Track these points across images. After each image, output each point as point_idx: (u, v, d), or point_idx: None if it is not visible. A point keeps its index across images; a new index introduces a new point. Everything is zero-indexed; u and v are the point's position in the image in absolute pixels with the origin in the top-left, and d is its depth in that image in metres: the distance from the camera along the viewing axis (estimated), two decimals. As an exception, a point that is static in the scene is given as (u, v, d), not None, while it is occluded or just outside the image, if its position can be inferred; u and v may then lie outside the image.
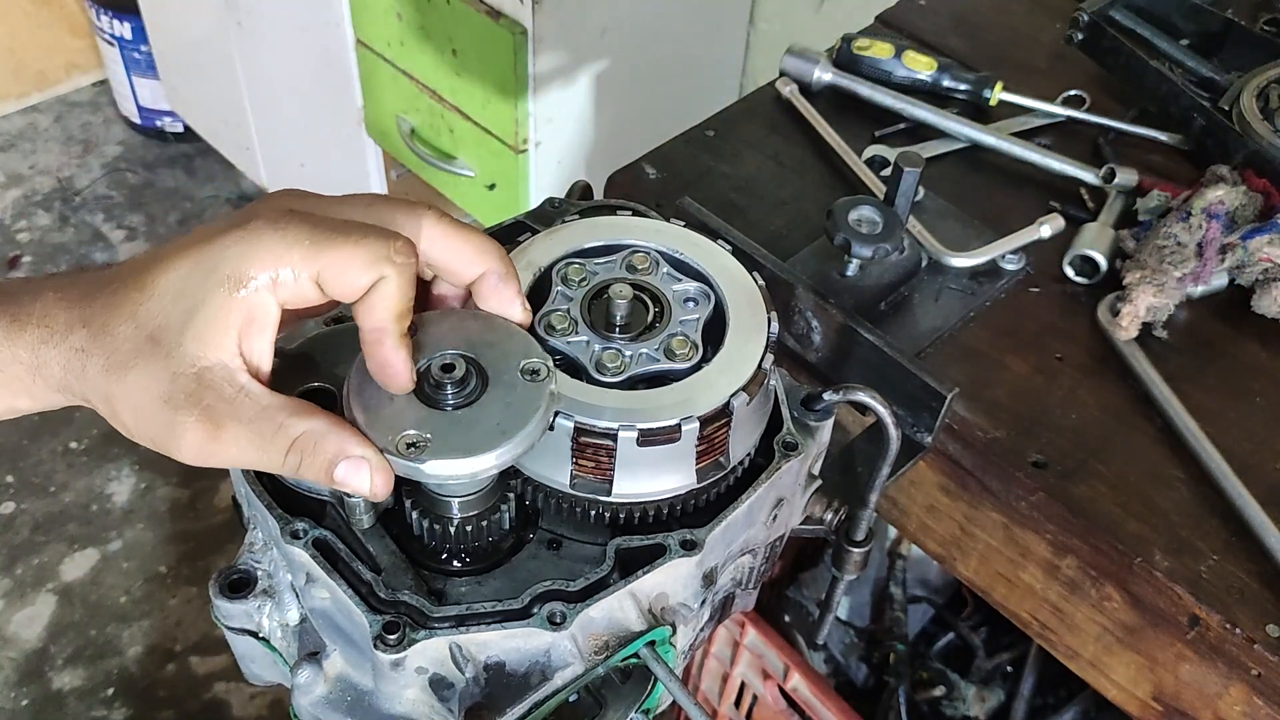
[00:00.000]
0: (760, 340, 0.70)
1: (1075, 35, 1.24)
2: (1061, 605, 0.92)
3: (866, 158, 1.16)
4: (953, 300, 1.03)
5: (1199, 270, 1.00)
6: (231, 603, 0.67)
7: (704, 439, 0.66)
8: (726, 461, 0.69)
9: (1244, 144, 1.09)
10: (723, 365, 0.68)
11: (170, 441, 0.58)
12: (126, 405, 0.58)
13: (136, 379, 0.57)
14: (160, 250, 0.59)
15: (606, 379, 0.68)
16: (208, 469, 0.60)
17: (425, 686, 0.63)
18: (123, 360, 0.57)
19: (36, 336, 0.58)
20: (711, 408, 0.66)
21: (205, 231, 0.59)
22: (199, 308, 0.56)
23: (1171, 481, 0.90)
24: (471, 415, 0.61)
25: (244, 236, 0.57)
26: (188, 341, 0.56)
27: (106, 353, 0.57)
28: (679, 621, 0.67)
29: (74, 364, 0.58)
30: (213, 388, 0.57)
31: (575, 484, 0.67)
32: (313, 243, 0.57)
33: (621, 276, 0.73)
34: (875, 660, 1.60)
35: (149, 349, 0.56)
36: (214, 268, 0.57)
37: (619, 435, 0.64)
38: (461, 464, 0.59)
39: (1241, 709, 0.83)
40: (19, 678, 2.14)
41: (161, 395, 0.56)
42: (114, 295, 0.58)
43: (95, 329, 0.57)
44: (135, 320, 0.57)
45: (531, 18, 1.88)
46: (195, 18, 2.67)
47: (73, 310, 0.58)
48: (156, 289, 0.57)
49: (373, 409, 0.61)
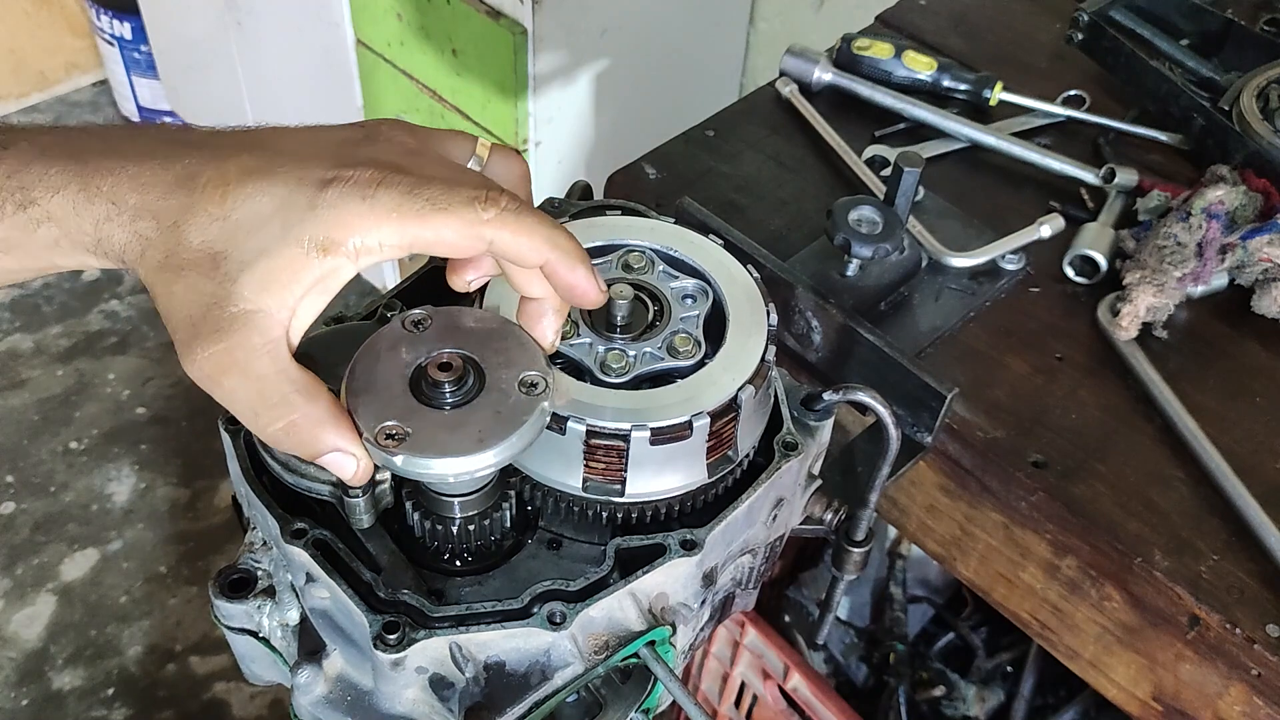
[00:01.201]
0: (761, 334, 0.70)
1: (1075, 35, 1.24)
2: (1061, 605, 0.92)
3: (866, 158, 1.16)
4: (953, 300, 1.03)
5: (1199, 270, 1.00)
6: (231, 603, 0.67)
7: (714, 434, 0.67)
8: (735, 455, 0.69)
9: (1244, 144, 1.09)
10: (726, 361, 0.69)
11: (183, 354, 0.57)
12: (162, 301, 0.58)
13: (182, 288, 0.56)
14: (246, 162, 0.58)
15: (612, 380, 0.68)
16: (207, 469, 0.61)
17: (425, 686, 0.63)
18: (178, 265, 0.57)
19: (104, 213, 0.58)
20: (719, 403, 0.66)
21: (298, 165, 0.57)
22: (269, 255, 0.56)
23: (1171, 481, 0.90)
24: (459, 417, 0.60)
25: (334, 202, 0.56)
26: (245, 281, 0.56)
27: (166, 251, 0.57)
28: (679, 621, 0.67)
29: (134, 247, 0.58)
30: (244, 331, 0.56)
31: (588, 487, 0.67)
32: (401, 218, 0.56)
33: (619, 276, 0.73)
34: (875, 660, 1.60)
35: (206, 265, 0.56)
36: (297, 222, 0.56)
37: (631, 435, 0.64)
38: (435, 464, 0.59)
39: (1241, 709, 0.83)
40: (19, 678, 2.14)
41: (195, 315, 0.56)
42: (190, 198, 0.57)
43: (164, 225, 0.57)
44: (205, 233, 0.57)
45: (531, 18, 1.88)
46: (195, 18, 2.67)
47: (146, 197, 0.58)
48: (234, 213, 0.57)
49: (367, 394, 0.61)
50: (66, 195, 0.58)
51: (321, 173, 0.57)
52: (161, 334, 2.69)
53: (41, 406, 2.55)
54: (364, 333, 0.66)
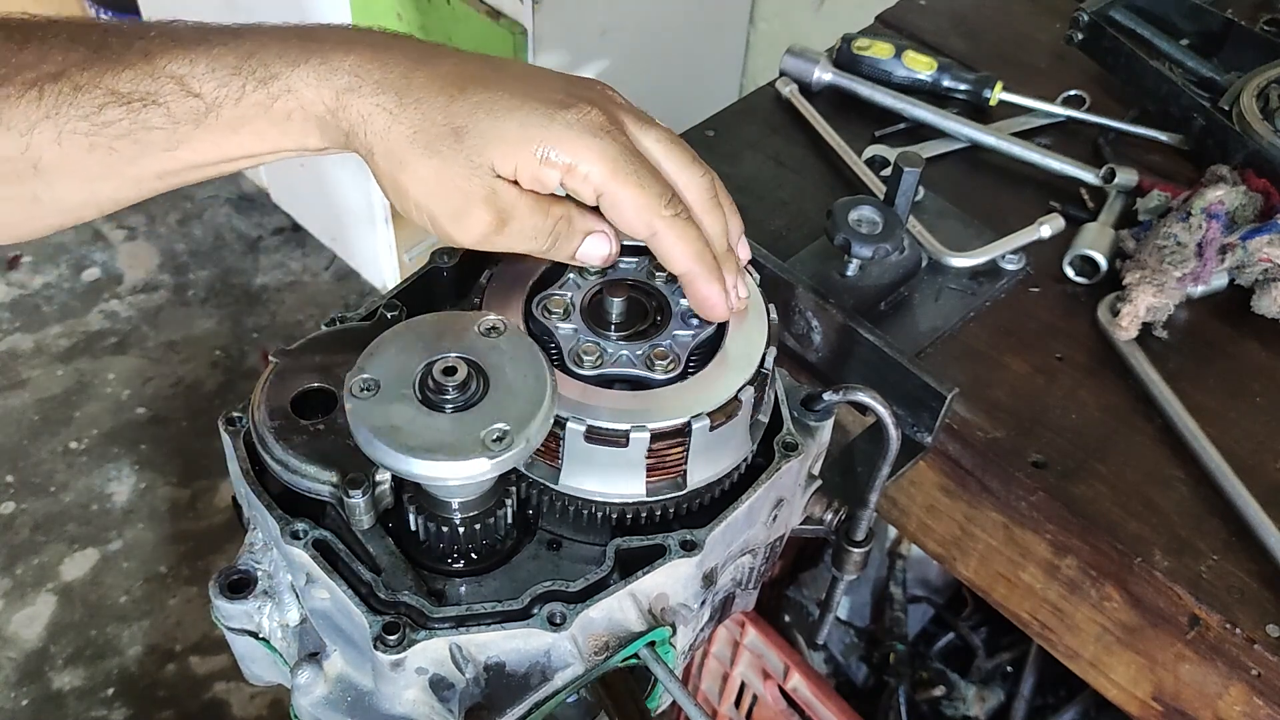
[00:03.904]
0: (762, 329, 0.71)
1: (1075, 35, 1.24)
2: (1061, 605, 0.92)
3: (866, 158, 1.16)
4: (953, 300, 1.03)
5: (1199, 270, 1.00)
6: (231, 603, 0.67)
7: None
8: (765, 419, 0.72)
9: (1244, 144, 1.09)
10: (728, 359, 0.69)
11: (454, 224, 0.64)
12: (418, 178, 0.64)
13: (439, 162, 0.63)
14: (482, 66, 0.66)
15: (581, 371, 0.68)
16: (207, 469, 0.61)
17: (425, 687, 0.63)
18: (430, 140, 0.63)
19: (346, 84, 0.63)
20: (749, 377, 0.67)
21: (529, 83, 0.65)
22: (506, 142, 0.63)
23: (1171, 481, 0.90)
24: (453, 420, 0.61)
25: (570, 122, 0.63)
26: (491, 147, 0.63)
27: (415, 126, 0.63)
28: (679, 622, 0.67)
29: (376, 120, 0.63)
30: (501, 192, 0.64)
31: (651, 489, 0.67)
32: (614, 169, 0.63)
33: (636, 279, 0.74)
34: (875, 660, 1.60)
35: (454, 139, 0.63)
36: (536, 126, 0.63)
37: (693, 427, 0.65)
38: (409, 463, 0.59)
39: (1241, 709, 0.83)
40: (19, 678, 2.14)
41: (460, 186, 0.63)
42: (431, 80, 0.64)
43: (409, 100, 0.63)
44: (448, 110, 0.63)
45: (531, 18, 1.88)
46: (195, 18, 2.66)
47: (388, 73, 0.64)
48: (473, 98, 0.63)
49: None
50: (309, 68, 0.64)
51: (558, 95, 0.64)
52: (161, 334, 2.69)
53: (41, 406, 2.55)
54: (364, 334, 0.66)
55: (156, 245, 2.90)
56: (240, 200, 3.01)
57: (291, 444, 0.66)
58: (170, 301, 2.77)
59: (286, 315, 2.75)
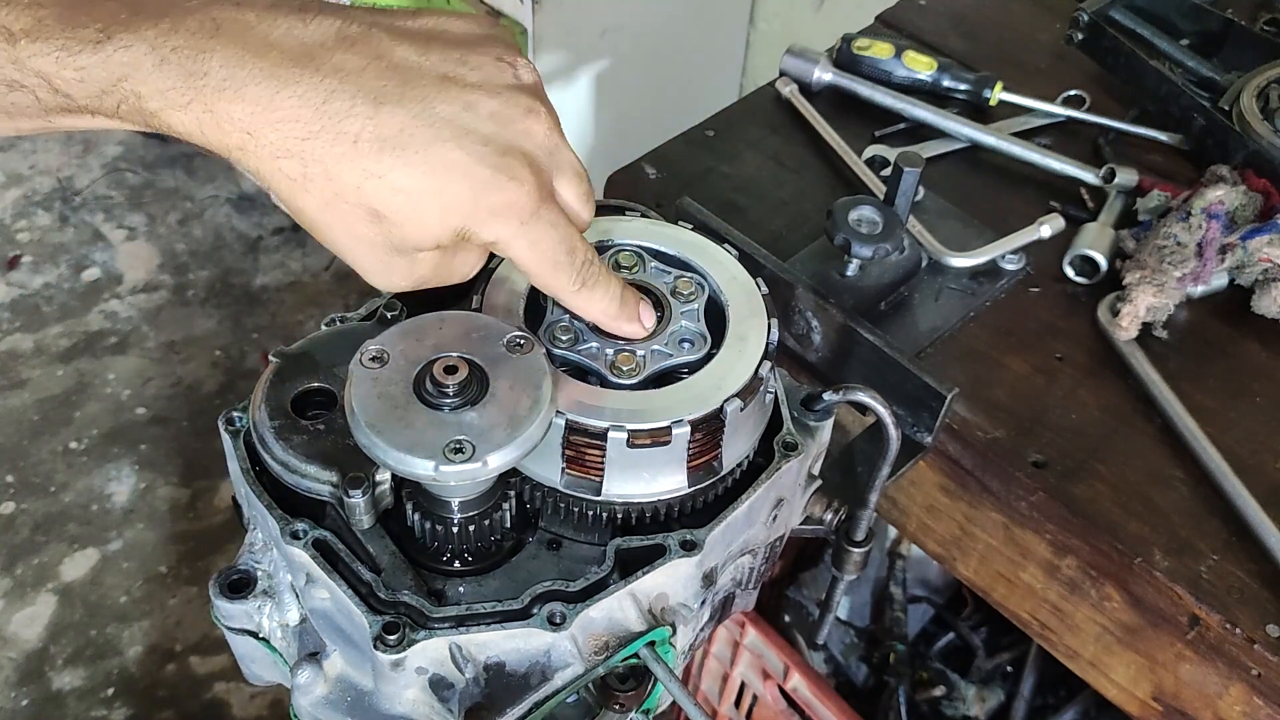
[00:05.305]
0: (761, 326, 0.71)
1: (1075, 35, 1.24)
2: (1061, 605, 0.92)
3: (866, 158, 1.16)
4: (953, 300, 1.03)
5: (1199, 270, 1.00)
6: (231, 603, 0.67)
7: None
8: (773, 392, 0.73)
9: (1244, 144, 1.09)
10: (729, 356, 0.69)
11: (379, 281, 0.64)
12: (337, 245, 0.62)
13: (354, 241, 0.62)
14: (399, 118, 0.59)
15: (624, 381, 0.68)
16: (207, 469, 0.61)
17: (425, 687, 0.63)
18: (345, 218, 0.60)
19: (238, 143, 0.58)
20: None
21: (456, 141, 0.59)
22: (429, 211, 0.60)
23: (1171, 481, 0.90)
24: (430, 417, 0.61)
25: (497, 207, 0.60)
26: (413, 234, 0.61)
27: (324, 199, 0.60)
28: (679, 621, 0.67)
29: (279, 183, 0.59)
30: (422, 260, 0.64)
31: (692, 480, 0.68)
32: (537, 260, 0.64)
33: (636, 280, 0.73)
34: (875, 660, 1.60)
35: (371, 223, 0.60)
36: (462, 204, 0.60)
37: (727, 411, 0.66)
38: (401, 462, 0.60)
39: (1241, 709, 0.83)
40: (19, 678, 2.14)
41: (381, 258, 0.63)
42: (337, 147, 0.58)
43: (313, 171, 0.58)
44: (362, 191, 0.59)
45: (531, 18, 1.88)
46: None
47: (286, 136, 0.58)
48: (390, 174, 0.59)
49: None
50: (191, 114, 0.57)
51: (480, 147, 0.60)
52: (161, 334, 2.69)
53: (41, 406, 2.55)
54: (364, 333, 0.66)
55: (157, 245, 2.90)
56: (240, 200, 3.01)
57: (291, 444, 0.66)
58: (170, 301, 2.77)
59: (286, 315, 2.75)
